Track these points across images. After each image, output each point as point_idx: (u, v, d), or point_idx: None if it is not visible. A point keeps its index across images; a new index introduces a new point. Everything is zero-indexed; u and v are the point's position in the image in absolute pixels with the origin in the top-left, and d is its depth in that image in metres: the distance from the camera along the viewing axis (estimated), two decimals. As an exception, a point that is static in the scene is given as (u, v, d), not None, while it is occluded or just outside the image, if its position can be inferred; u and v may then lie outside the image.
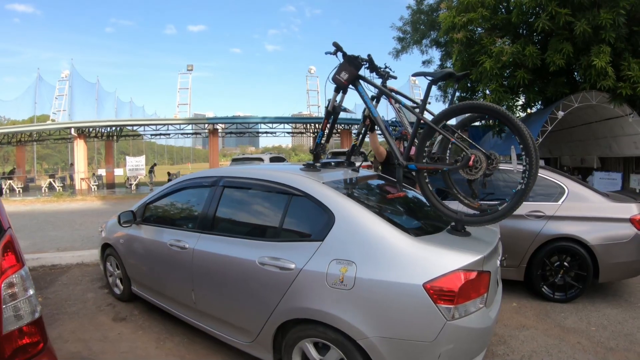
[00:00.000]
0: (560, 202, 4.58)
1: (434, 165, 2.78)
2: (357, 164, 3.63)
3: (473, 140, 2.75)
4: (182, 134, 33.10)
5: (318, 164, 3.27)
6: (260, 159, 15.60)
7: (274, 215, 2.83)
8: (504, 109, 2.58)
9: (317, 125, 29.41)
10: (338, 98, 3.36)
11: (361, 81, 3.19)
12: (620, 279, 4.94)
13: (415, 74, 3.15)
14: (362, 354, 2.20)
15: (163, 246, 3.42)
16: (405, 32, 20.00)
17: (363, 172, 3.51)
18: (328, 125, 3.46)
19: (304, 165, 3.19)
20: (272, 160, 15.70)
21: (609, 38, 10.09)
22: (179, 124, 29.02)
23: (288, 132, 34.78)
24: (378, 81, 3.23)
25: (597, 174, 13.37)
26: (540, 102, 13.89)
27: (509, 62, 11.32)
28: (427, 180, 2.84)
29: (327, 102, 3.39)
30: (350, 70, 3.11)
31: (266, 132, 32.81)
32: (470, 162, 2.56)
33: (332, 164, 3.52)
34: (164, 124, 29.29)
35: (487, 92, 12.34)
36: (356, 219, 2.44)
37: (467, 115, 2.85)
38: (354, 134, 4.73)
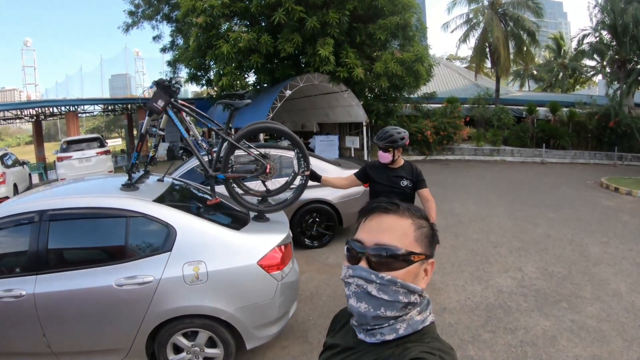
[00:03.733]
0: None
1: (239, 174, 3.68)
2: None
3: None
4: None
5: (136, 184, 3.49)
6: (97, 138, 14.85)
7: (117, 238, 3.07)
8: (287, 129, 3.68)
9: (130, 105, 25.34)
10: (161, 121, 3.67)
11: (171, 105, 3.57)
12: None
13: (220, 102, 3.86)
14: (226, 326, 3.00)
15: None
16: (137, 5, 19.16)
17: (170, 182, 3.96)
18: (142, 146, 3.77)
19: (122, 185, 3.37)
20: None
21: (333, 33, 12.68)
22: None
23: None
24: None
25: (317, 137, 16.26)
26: (269, 81, 15.88)
27: (245, 47, 12.68)
28: (233, 186, 3.71)
29: (140, 126, 3.70)
30: (166, 98, 3.47)
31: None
32: (267, 170, 3.60)
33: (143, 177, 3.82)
34: None
35: (221, 72, 13.52)
36: (193, 226, 3.09)
37: (254, 129, 3.80)
38: (153, 145, 4.80)
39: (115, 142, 39.51)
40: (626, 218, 8.49)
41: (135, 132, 28.02)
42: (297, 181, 3.86)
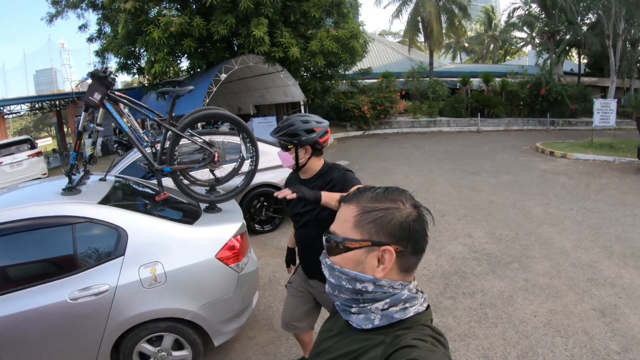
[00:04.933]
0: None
1: (186, 165, 3.48)
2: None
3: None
4: None
5: (78, 186, 3.21)
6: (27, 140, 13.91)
7: (65, 248, 2.77)
8: (233, 114, 3.52)
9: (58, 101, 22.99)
10: (98, 115, 3.37)
11: (108, 97, 3.30)
12: (306, 204, 6.96)
13: (161, 91, 3.59)
14: (191, 326, 2.87)
15: None
16: (61, -7, 17.67)
17: (113, 180, 3.66)
18: (80, 144, 3.47)
19: (63, 190, 3.10)
20: None
21: (267, 12, 12.33)
22: None
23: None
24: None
25: (254, 120, 15.90)
26: (203, 65, 15.34)
27: (177, 32, 12.13)
28: (180, 178, 3.51)
29: (76, 123, 3.39)
30: (102, 90, 3.20)
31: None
32: (216, 159, 3.43)
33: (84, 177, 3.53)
34: None
35: (153, 59, 12.89)
36: (144, 226, 2.89)
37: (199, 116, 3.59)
38: (91, 142, 4.39)
39: (46, 142, 36.89)
40: (563, 180, 9.10)
41: (66, 130, 26.17)
42: (246, 167, 3.73)
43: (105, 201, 2.99)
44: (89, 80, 3.27)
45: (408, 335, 0.86)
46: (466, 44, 40.88)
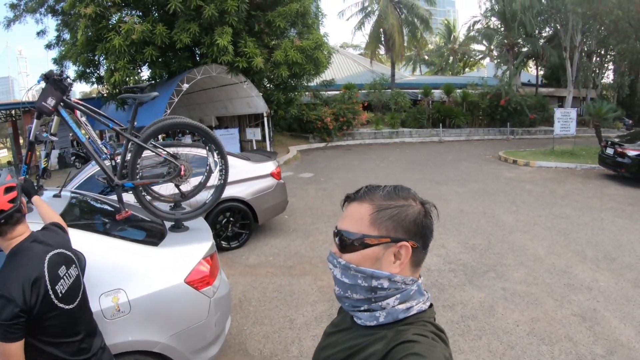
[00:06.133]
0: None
1: (150, 180, 3.19)
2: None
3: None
4: None
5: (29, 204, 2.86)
6: None
7: None
8: (200, 124, 3.26)
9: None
10: (53, 123, 3.03)
11: (63, 103, 2.96)
12: (273, 217, 6.71)
13: (123, 97, 3.27)
14: (160, 359, 2.56)
15: None
16: (19, -2, 16.70)
17: (69, 196, 3.31)
18: (32, 156, 3.11)
19: None
20: None
21: (231, 21, 12.06)
22: None
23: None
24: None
25: (217, 131, 15.61)
26: (165, 75, 14.91)
27: (139, 39, 11.68)
28: (143, 194, 3.21)
29: (28, 132, 3.02)
30: (57, 95, 2.87)
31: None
32: (182, 172, 3.16)
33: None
34: None
35: (113, 68, 12.39)
36: (104, 249, 2.57)
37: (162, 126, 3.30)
38: (44, 153, 3.97)
39: (1, 154, 34.80)
40: (529, 187, 9.30)
41: (22, 141, 24.73)
42: (214, 180, 3.48)
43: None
44: (42, 84, 2.90)
45: (409, 331, 0.89)
46: (426, 57, 41.96)
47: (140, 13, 13.66)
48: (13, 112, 21.95)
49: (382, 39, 25.23)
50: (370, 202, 0.97)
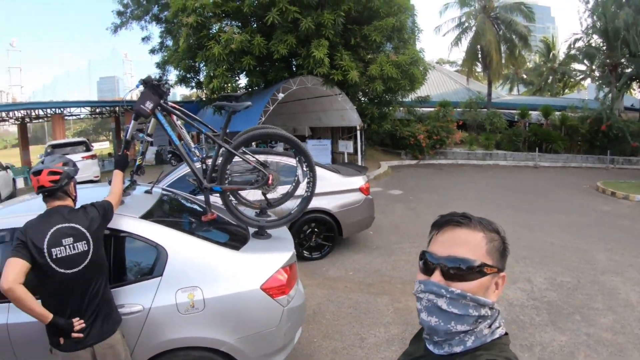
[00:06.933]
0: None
1: (238, 186, 3.32)
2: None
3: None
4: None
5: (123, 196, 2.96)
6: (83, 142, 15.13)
7: None
8: (292, 135, 3.34)
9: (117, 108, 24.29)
10: (149, 125, 3.25)
11: (160, 107, 3.13)
12: (357, 232, 6.70)
13: (217, 105, 3.44)
14: (225, 358, 2.63)
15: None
16: (126, 5, 18.68)
17: (159, 193, 3.52)
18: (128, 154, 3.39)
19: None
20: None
21: (328, 34, 12.37)
22: None
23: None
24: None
25: (309, 142, 16.08)
26: (261, 83, 15.53)
27: (237, 49, 12.31)
28: (230, 199, 3.35)
29: (125, 131, 3.25)
30: (155, 99, 3.04)
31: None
32: (270, 181, 3.25)
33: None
34: None
35: (212, 74, 13.10)
36: (186, 247, 2.71)
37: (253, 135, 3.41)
38: (140, 152, 4.40)
39: (103, 146, 38.77)
40: (627, 223, 8.35)
41: (122, 135, 27.20)
42: (301, 191, 3.52)
43: (147, 216, 2.84)
44: (141, 88, 3.10)
45: (484, 356, 0.90)
46: (524, 75, 39.54)
47: (240, 24, 14.41)
48: (117, 109, 24.22)
49: (479, 56, 24.23)
50: (482, 231, 0.98)
